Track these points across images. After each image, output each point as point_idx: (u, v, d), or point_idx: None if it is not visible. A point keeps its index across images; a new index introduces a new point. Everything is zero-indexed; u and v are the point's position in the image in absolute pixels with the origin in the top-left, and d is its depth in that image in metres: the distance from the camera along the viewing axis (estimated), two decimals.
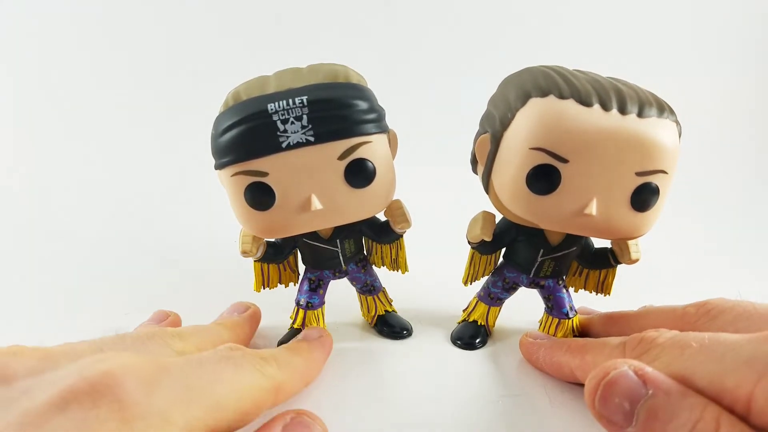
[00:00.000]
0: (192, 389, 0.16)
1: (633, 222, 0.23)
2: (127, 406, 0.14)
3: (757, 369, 0.14)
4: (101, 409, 0.14)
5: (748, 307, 0.20)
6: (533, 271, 0.28)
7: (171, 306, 0.29)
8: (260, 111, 0.21)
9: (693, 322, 0.22)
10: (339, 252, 0.28)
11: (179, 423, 0.15)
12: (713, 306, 0.22)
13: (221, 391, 0.17)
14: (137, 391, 0.15)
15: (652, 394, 0.15)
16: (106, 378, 0.15)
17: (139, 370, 0.16)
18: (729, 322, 0.20)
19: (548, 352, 0.25)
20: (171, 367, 0.17)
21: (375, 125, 0.23)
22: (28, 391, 0.15)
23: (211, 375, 0.18)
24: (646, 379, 0.16)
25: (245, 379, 0.19)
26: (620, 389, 0.16)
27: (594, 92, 0.22)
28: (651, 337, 0.18)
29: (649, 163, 0.22)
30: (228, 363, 0.19)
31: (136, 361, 0.16)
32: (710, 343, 0.16)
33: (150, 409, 0.15)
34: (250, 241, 0.26)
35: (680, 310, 0.23)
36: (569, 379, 0.24)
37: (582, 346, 0.23)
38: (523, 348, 0.27)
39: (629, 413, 0.15)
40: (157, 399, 0.15)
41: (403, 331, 0.30)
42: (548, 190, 0.22)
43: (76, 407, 0.14)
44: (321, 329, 0.28)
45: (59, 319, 0.33)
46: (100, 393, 0.14)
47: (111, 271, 0.41)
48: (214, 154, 0.23)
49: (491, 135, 0.24)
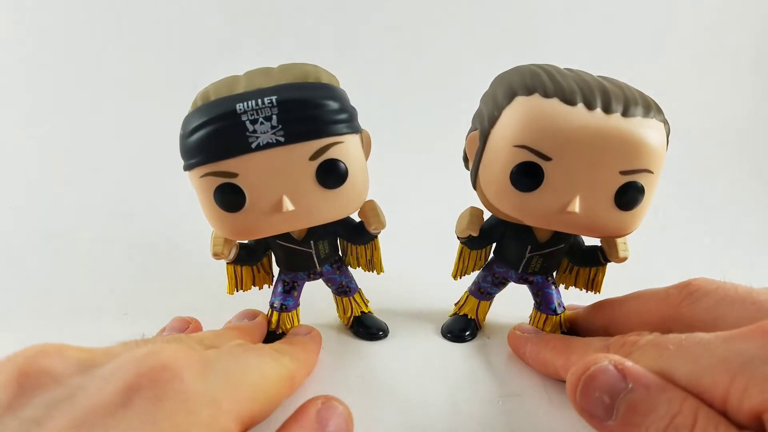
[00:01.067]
0: (233, 378, 0.17)
1: (618, 220, 0.23)
2: (189, 397, 0.15)
3: (730, 368, 0.14)
4: (169, 402, 0.14)
5: (730, 291, 0.21)
6: (522, 267, 0.28)
7: (171, 306, 0.29)
8: (229, 111, 0.21)
9: (676, 305, 0.22)
10: (313, 253, 0.27)
11: (232, 410, 0.16)
12: (696, 288, 0.22)
13: (254, 379, 0.18)
14: (196, 382, 0.15)
15: (631, 388, 0.16)
16: (164, 371, 0.15)
17: (190, 361, 0.16)
18: (711, 307, 0.21)
19: (534, 348, 0.26)
20: (210, 357, 0.17)
21: (346, 125, 0.23)
22: (83, 388, 0.14)
23: (242, 364, 0.18)
24: (626, 373, 0.16)
25: (269, 368, 0.20)
26: (600, 383, 0.16)
27: (579, 91, 0.22)
28: (633, 340, 0.19)
29: (632, 162, 0.22)
30: (252, 353, 0.20)
31: (183, 353, 0.16)
32: (687, 344, 0.16)
33: (207, 399, 0.15)
34: (221, 243, 0.25)
35: (663, 292, 0.23)
36: (554, 377, 0.25)
37: (566, 346, 0.23)
38: (511, 341, 0.28)
39: (610, 407, 0.16)
40: (210, 388, 0.16)
41: (379, 332, 0.30)
42: (532, 187, 0.23)
43: (141, 402, 0.14)
44: (308, 327, 0.28)
45: (59, 318, 0.32)
46: (163, 386, 0.15)
47: (111, 270, 0.40)
48: (183, 155, 0.23)
49: (480, 132, 0.25)
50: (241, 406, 0.17)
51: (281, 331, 0.29)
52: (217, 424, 0.15)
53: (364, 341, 0.30)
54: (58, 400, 0.14)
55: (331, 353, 0.28)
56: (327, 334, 0.30)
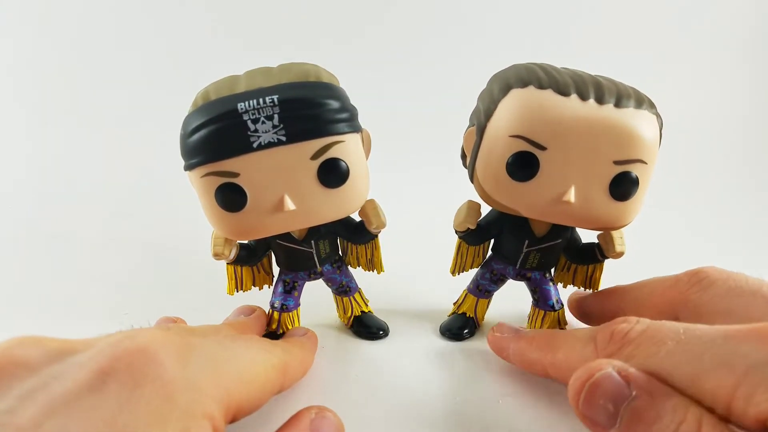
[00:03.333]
0: (218, 363, 0.17)
1: (613, 211, 0.24)
2: (167, 381, 0.14)
3: (735, 372, 0.14)
4: (145, 388, 0.14)
5: (740, 282, 0.20)
6: (519, 262, 0.28)
7: (170, 306, 0.29)
8: (230, 110, 0.21)
9: (685, 291, 0.22)
10: (314, 253, 0.27)
11: (214, 395, 0.16)
12: (705, 275, 0.22)
13: (242, 366, 0.18)
14: (174, 366, 0.15)
15: (635, 396, 0.15)
16: (140, 355, 0.15)
17: (170, 344, 0.16)
18: (721, 296, 0.20)
19: (517, 347, 0.25)
20: (193, 342, 0.17)
21: (347, 124, 0.23)
22: (58, 377, 0.14)
23: (229, 351, 0.18)
24: (630, 380, 0.16)
25: (258, 356, 0.20)
26: (604, 391, 0.16)
27: (573, 83, 0.22)
28: (622, 331, 0.18)
29: (625, 151, 0.22)
30: (240, 342, 0.20)
31: (162, 337, 0.16)
32: (686, 339, 0.16)
33: (187, 384, 0.15)
34: (222, 243, 0.25)
35: (672, 278, 0.23)
36: (543, 377, 0.24)
37: (551, 342, 0.23)
38: (492, 344, 0.27)
39: (613, 414, 0.15)
40: (190, 372, 0.15)
41: (380, 331, 0.30)
42: (527, 177, 0.23)
43: (116, 387, 0.14)
44: (304, 328, 0.28)
45: (59, 318, 0.32)
46: (139, 370, 0.14)
47: (111, 270, 0.40)
48: (184, 155, 0.23)
49: (476, 127, 0.25)
50: (225, 392, 0.16)
51: (282, 331, 0.29)
52: (199, 410, 0.15)
53: (365, 341, 0.30)
54: (32, 390, 0.14)
55: (331, 353, 0.28)
56: (327, 334, 0.30)
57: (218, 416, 0.15)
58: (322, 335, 0.30)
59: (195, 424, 0.14)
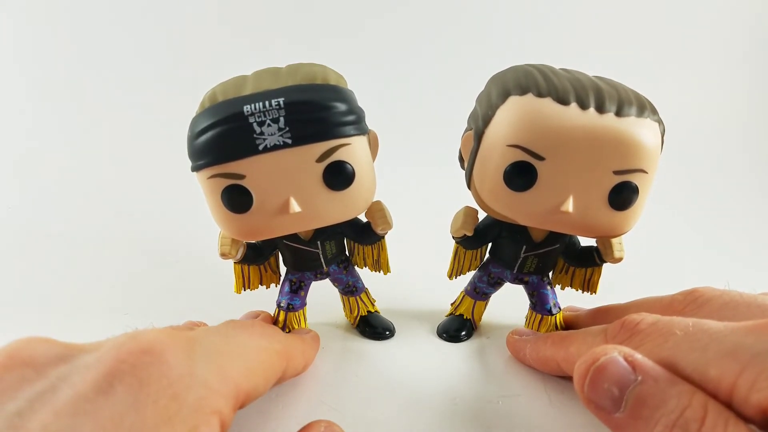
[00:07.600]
0: (223, 356, 0.17)
1: (612, 220, 0.23)
2: (173, 380, 0.15)
3: (739, 361, 0.14)
4: (151, 388, 0.14)
5: (734, 296, 0.21)
6: (517, 267, 0.28)
7: (170, 306, 0.29)
8: (236, 113, 0.21)
9: (680, 310, 0.22)
10: (320, 254, 0.27)
11: (221, 390, 0.16)
12: (700, 294, 0.22)
13: (247, 355, 0.18)
14: (180, 364, 0.15)
15: (641, 381, 0.15)
16: (145, 355, 0.15)
17: (174, 342, 0.16)
18: (715, 310, 0.21)
19: (534, 347, 0.25)
20: (197, 337, 0.17)
21: (354, 127, 0.23)
22: (65, 378, 0.14)
23: (232, 341, 0.18)
24: (636, 365, 0.16)
25: (262, 342, 0.20)
26: (609, 375, 0.16)
27: (572, 91, 0.22)
28: (633, 321, 0.18)
29: (626, 161, 0.22)
30: (241, 330, 0.20)
31: (166, 335, 0.16)
32: (694, 331, 0.16)
33: (193, 381, 0.15)
34: (229, 244, 0.25)
35: (668, 298, 0.23)
36: (556, 373, 0.25)
37: (565, 338, 0.23)
38: (510, 346, 0.28)
39: (618, 399, 0.15)
40: (196, 369, 0.15)
41: (386, 331, 0.30)
42: (525, 186, 0.23)
43: (123, 388, 0.14)
44: (307, 329, 0.28)
45: (59, 318, 0.33)
46: (145, 371, 0.14)
47: (111, 271, 0.41)
48: (191, 157, 0.23)
49: (474, 131, 0.24)
50: (233, 384, 0.16)
51: (287, 331, 0.29)
52: (207, 407, 0.15)
53: (371, 341, 0.30)
54: (41, 392, 0.14)
55: (336, 353, 0.28)
56: (333, 334, 0.30)
57: (226, 410, 0.16)
58: (328, 335, 0.30)
59: (203, 421, 0.15)
